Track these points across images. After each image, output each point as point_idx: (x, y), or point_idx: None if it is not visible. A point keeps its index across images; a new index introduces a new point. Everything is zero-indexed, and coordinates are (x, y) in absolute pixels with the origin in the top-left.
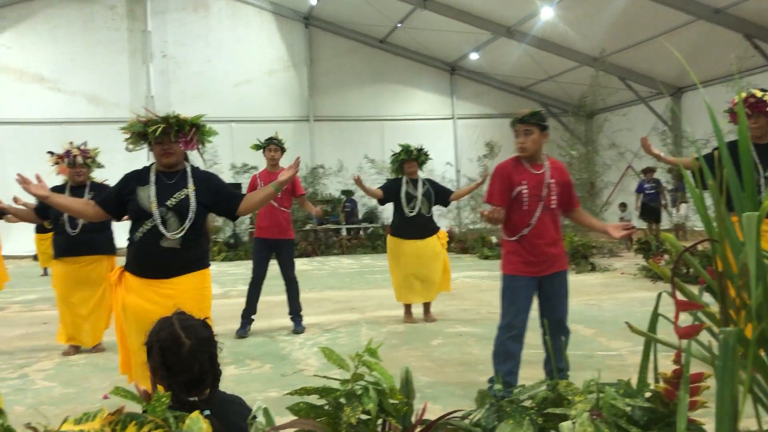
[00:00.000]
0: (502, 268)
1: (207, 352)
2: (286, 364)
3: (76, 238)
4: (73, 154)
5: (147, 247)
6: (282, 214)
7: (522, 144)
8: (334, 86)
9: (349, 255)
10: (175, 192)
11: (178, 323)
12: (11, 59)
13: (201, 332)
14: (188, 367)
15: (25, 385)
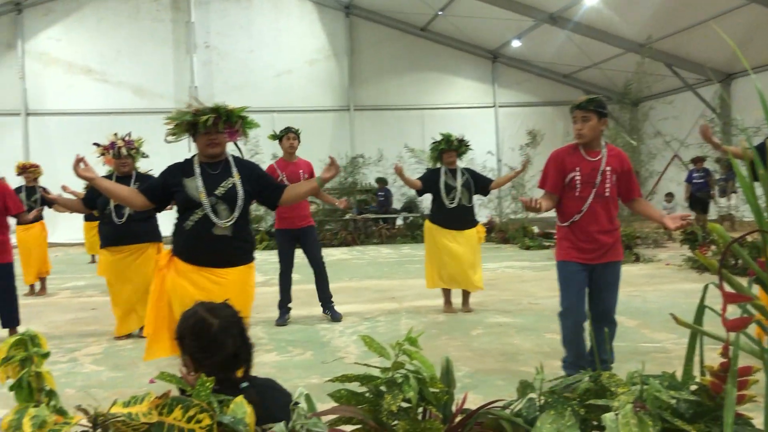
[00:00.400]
0: (556, 255)
1: (236, 328)
2: (327, 352)
3: (122, 227)
4: (118, 146)
5: (199, 235)
6: (303, 202)
7: (579, 130)
8: (374, 75)
9: (389, 244)
10: (221, 181)
11: (201, 309)
12: (60, 52)
13: (225, 311)
14: (222, 344)
15: (74, 368)
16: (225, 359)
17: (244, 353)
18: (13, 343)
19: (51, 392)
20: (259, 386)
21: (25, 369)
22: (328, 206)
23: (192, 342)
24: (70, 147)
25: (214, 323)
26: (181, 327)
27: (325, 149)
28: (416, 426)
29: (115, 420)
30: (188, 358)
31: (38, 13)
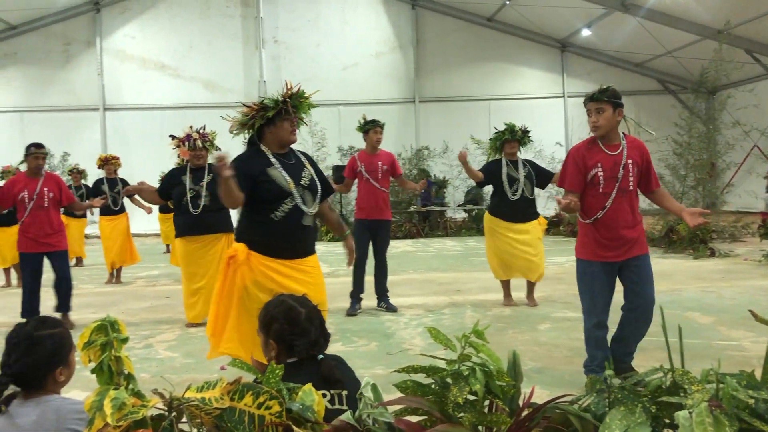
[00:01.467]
0: (576, 253)
1: (318, 318)
2: (392, 343)
3: (198, 217)
4: (194, 138)
5: (291, 226)
6: (381, 195)
7: (594, 123)
8: (440, 66)
9: (454, 237)
10: (300, 171)
11: (289, 298)
12: (135, 48)
13: (309, 303)
14: (307, 331)
15: (149, 354)
16: (309, 343)
17: (323, 341)
18: (94, 328)
19: (129, 376)
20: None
21: (105, 353)
22: (393, 198)
23: (283, 326)
24: (145, 140)
25: (301, 312)
26: (270, 312)
27: (391, 141)
28: (483, 418)
29: (189, 404)
30: (273, 342)
31: (115, 11)
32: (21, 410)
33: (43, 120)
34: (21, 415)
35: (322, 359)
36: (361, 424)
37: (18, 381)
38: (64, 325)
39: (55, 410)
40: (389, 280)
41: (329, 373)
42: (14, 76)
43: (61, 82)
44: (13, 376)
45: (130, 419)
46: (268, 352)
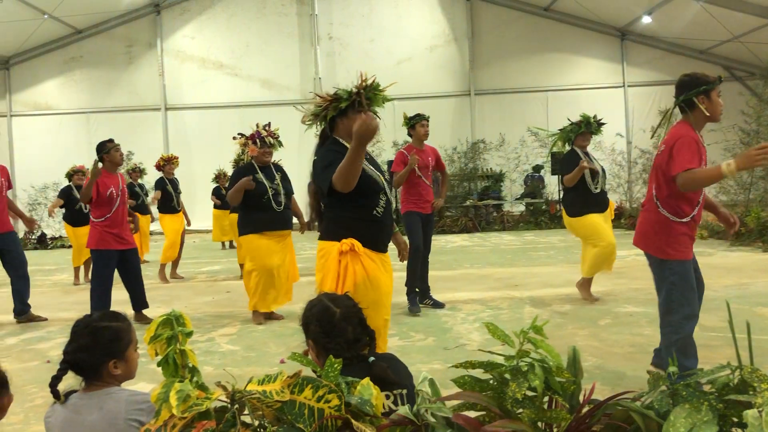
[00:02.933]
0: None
1: (356, 317)
2: (448, 338)
3: (281, 214)
4: (263, 135)
5: (388, 219)
6: (429, 189)
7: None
8: (495, 58)
9: (511, 231)
10: (378, 166)
11: (325, 298)
12: (195, 49)
13: (346, 302)
14: (343, 331)
15: (212, 348)
16: (345, 343)
17: (365, 339)
18: (160, 322)
19: (194, 369)
20: (384, 359)
21: (171, 346)
22: (449, 193)
23: (316, 328)
24: (204, 138)
25: (336, 312)
26: (307, 314)
27: (446, 135)
28: (542, 415)
29: (250, 397)
30: (312, 342)
31: (175, 13)
32: (84, 402)
33: (108, 120)
34: (84, 407)
35: (373, 361)
36: (419, 419)
37: (75, 368)
38: (128, 321)
39: (119, 402)
40: (446, 275)
41: (383, 376)
42: (80, 78)
43: (125, 83)
44: (69, 363)
45: (194, 411)
46: (312, 355)
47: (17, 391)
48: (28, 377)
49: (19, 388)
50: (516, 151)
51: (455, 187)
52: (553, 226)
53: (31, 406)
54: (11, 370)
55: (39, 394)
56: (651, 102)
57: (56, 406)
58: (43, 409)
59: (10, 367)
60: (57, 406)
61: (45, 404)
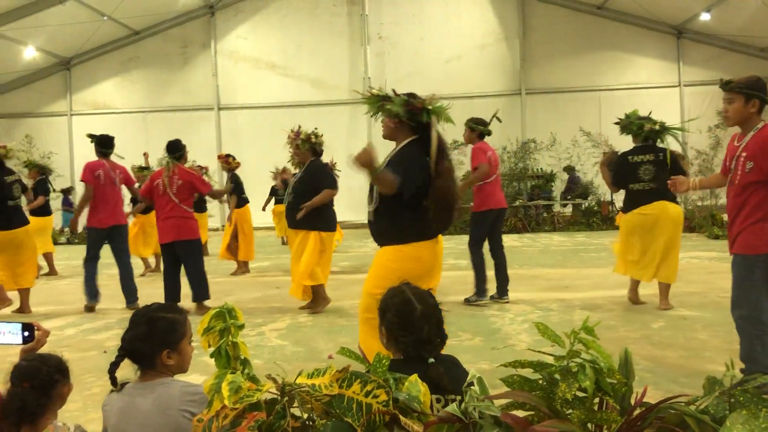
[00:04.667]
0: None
1: (434, 317)
2: (497, 339)
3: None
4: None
5: None
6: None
7: (724, 113)
8: (547, 57)
9: (562, 232)
10: None
11: (409, 291)
12: (247, 49)
13: (429, 299)
14: (419, 329)
15: (262, 342)
16: (418, 341)
17: (436, 340)
18: (213, 315)
19: (245, 361)
20: (444, 362)
21: (223, 339)
22: None
23: (394, 318)
24: (256, 138)
25: (417, 308)
26: (387, 301)
27: (495, 134)
28: (592, 416)
29: (300, 390)
30: (385, 330)
31: (228, 14)
32: (138, 392)
33: (163, 120)
34: (139, 396)
35: (431, 363)
36: (466, 417)
37: (130, 356)
38: (185, 314)
39: (172, 392)
40: (493, 276)
41: (437, 380)
42: (137, 78)
43: (180, 83)
44: (125, 350)
45: (245, 402)
46: (381, 338)
47: (76, 379)
48: (86, 366)
49: (78, 377)
50: (568, 152)
51: (505, 187)
52: (605, 228)
53: (89, 395)
54: (70, 360)
55: (96, 383)
56: (708, 102)
57: (113, 395)
58: (100, 397)
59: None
60: (114, 394)
61: (102, 393)
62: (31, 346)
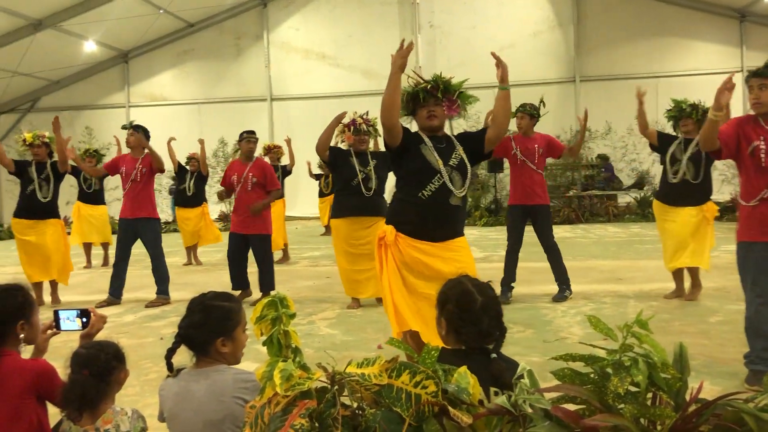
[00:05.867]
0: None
1: (494, 310)
2: (548, 331)
3: (370, 199)
4: (358, 123)
5: (439, 205)
6: (537, 178)
7: (755, 99)
8: (602, 44)
9: (616, 223)
10: (450, 153)
11: (469, 282)
12: (299, 40)
13: (489, 292)
14: (479, 321)
15: (312, 330)
16: (478, 333)
17: (495, 333)
18: (265, 304)
19: (296, 349)
20: (506, 361)
21: (275, 327)
22: (551, 183)
23: (454, 309)
24: (308, 128)
25: (478, 300)
26: (447, 293)
27: (549, 123)
28: (645, 411)
29: (350, 379)
30: (444, 321)
31: (280, 5)
32: (193, 378)
33: (217, 111)
34: (193, 383)
35: (494, 358)
36: (516, 409)
37: (187, 342)
38: (239, 303)
39: (226, 379)
40: (546, 267)
41: (499, 376)
42: (192, 70)
43: (233, 74)
44: (183, 337)
45: (297, 390)
46: (440, 329)
47: (133, 365)
48: (143, 353)
49: (135, 362)
50: (623, 140)
51: (557, 177)
52: None
53: (146, 380)
54: (128, 346)
55: (153, 368)
56: None
57: (169, 380)
58: (156, 382)
59: (128, 343)
60: (170, 379)
61: (159, 378)
62: (87, 332)
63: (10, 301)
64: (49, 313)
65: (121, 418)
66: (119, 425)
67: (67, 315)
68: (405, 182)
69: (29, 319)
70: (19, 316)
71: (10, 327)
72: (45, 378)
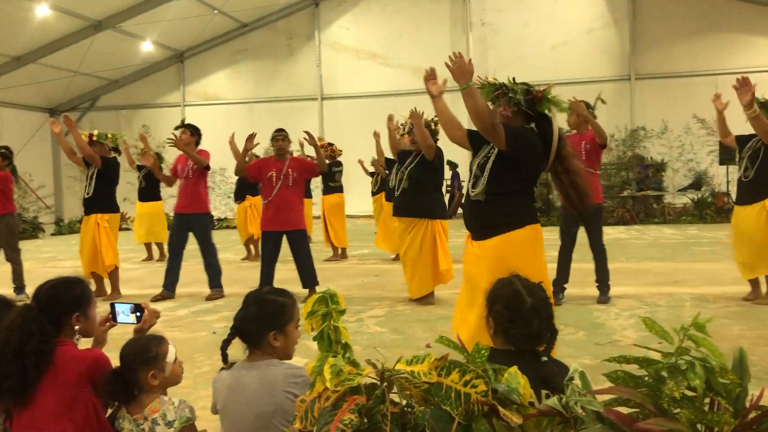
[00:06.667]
0: None
1: (545, 311)
2: (600, 333)
3: (400, 200)
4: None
5: (469, 201)
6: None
7: None
8: (658, 40)
9: (672, 224)
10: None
11: (518, 283)
12: (349, 39)
13: (540, 293)
14: (528, 322)
15: (360, 328)
16: (527, 335)
17: (546, 335)
18: (316, 299)
19: (346, 345)
20: (557, 365)
21: (325, 323)
22: (605, 182)
23: (502, 310)
24: (357, 127)
25: (527, 301)
26: (495, 293)
27: (602, 122)
28: (702, 416)
29: (399, 376)
30: (492, 321)
31: (332, 4)
32: (246, 371)
33: (269, 110)
34: (246, 376)
35: (545, 362)
36: (567, 411)
37: (240, 334)
38: (293, 299)
39: (277, 374)
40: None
41: (550, 378)
42: (245, 70)
43: (285, 74)
44: (236, 329)
45: (346, 385)
46: (488, 329)
47: (186, 359)
48: (196, 346)
49: (189, 356)
50: (680, 140)
51: (611, 177)
52: (719, 220)
53: (199, 373)
54: (181, 340)
55: (206, 362)
56: None
57: (222, 373)
58: (209, 375)
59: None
60: (223, 372)
61: (211, 371)
62: (140, 327)
63: (67, 293)
64: (107, 306)
65: (167, 408)
66: (165, 414)
67: (123, 308)
68: None
69: (85, 311)
70: (75, 308)
71: (66, 318)
72: (98, 368)
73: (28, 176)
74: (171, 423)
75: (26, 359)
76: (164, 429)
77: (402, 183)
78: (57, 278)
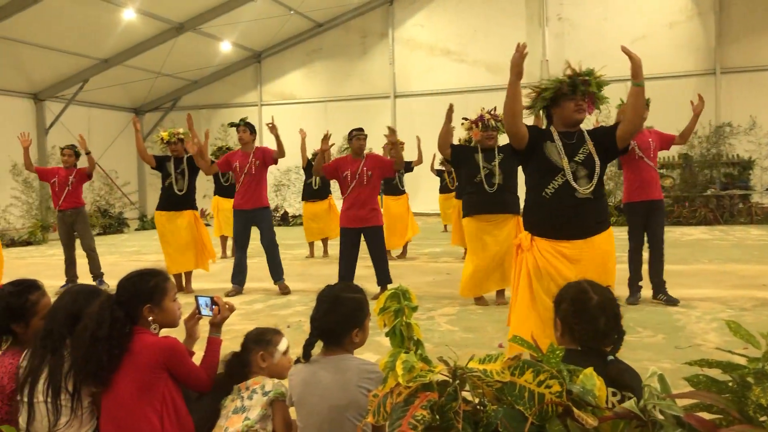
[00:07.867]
0: None
1: (612, 311)
2: (681, 337)
3: (492, 196)
4: (486, 118)
5: (562, 203)
6: (653, 173)
7: None
8: (747, 32)
9: (760, 225)
10: (578, 148)
11: (585, 282)
12: (424, 37)
13: (606, 293)
14: (594, 319)
15: (432, 326)
16: (594, 333)
17: (613, 336)
18: (389, 296)
19: (418, 342)
20: (623, 364)
21: (398, 319)
22: (689, 181)
23: (569, 308)
24: (430, 124)
25: (593, 298)
26: (562, 294)
27: (685, 117)
28: None
29: (471, 374)
30: (559, 321)
31: (406, 2)
32: (321, 366)
33: (343, 108)
34: (321, 370)
35: (611, 360)
36: (645, 415)
37: (323, 335)
38: (364, 293)
39: (351, 369)
40: (680, 270)
41: (617, 377)
42: (320, 69)
43: (358, 72)
44: (319, 330)
45: (418, 382)
46: (555, 332)
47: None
48: None
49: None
50: None
51: (697, 174)
52: None
53: None
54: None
55: None
56: None
57: (298, 366)
58: None
59: None
60: (299, 365)
61: None
62: (214, 319)
63: (140, 285)
64: (189, 298)
65: (266, 381)
66: (264, 386)
67: (204, 301)
68: (531, 182)
69: (159, 303)
70: (146, 300)
71: (137, 309)
72: (169, 354)
73: (114, 173)
74: (267, 393)
75: (100, 344)
76: (260, 398)
77: (494, 178)
78: (136, 271)
